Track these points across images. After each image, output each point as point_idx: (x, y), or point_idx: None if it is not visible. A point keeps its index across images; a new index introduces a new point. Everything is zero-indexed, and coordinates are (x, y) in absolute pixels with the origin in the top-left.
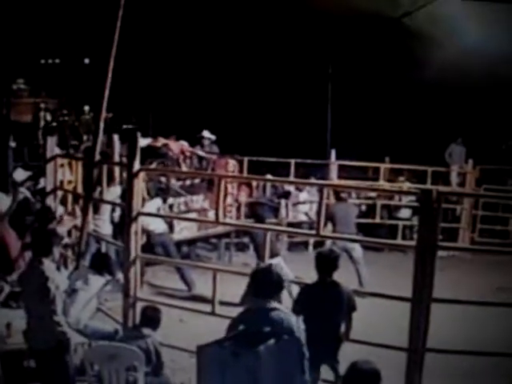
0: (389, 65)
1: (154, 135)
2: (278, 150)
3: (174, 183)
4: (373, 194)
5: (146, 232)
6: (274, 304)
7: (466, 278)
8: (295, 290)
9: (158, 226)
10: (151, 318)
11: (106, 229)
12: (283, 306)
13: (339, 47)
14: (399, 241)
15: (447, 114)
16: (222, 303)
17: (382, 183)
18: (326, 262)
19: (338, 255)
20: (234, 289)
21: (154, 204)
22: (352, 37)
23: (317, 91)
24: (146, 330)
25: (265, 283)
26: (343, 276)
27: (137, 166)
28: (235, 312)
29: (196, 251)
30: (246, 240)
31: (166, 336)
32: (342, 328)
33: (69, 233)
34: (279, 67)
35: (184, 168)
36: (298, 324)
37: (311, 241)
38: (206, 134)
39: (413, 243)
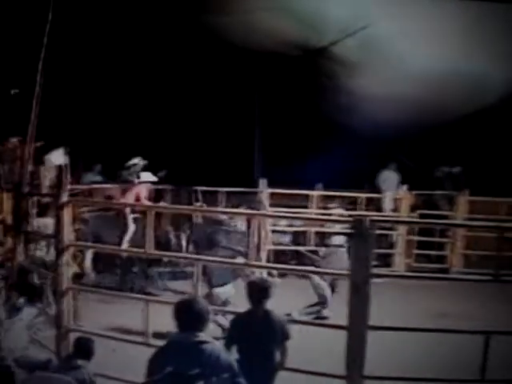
0: (315, 93)
1: (86, 163)
2: (208, 179)
3: None
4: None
5: None
6: (203, 337)
7: (402, 304)
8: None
9: None
10: (84, 348)
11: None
12: (211, 338)
13: (265, 79)
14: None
15: (377, 141)
16: (156, 333)
17: (314, 210)
18: (258, 291)
19: (270, 284)
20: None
21: None
22: (278, 67)
23: (244, 120)
24: (80, 361)
25: (190, 315)
26: None
27: (65, 197)
28: None
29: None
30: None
31: (99, 366)
32: (278, 357)
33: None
34: (208, 99)
35: None
36: (230, 355)
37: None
38: (136, 160)
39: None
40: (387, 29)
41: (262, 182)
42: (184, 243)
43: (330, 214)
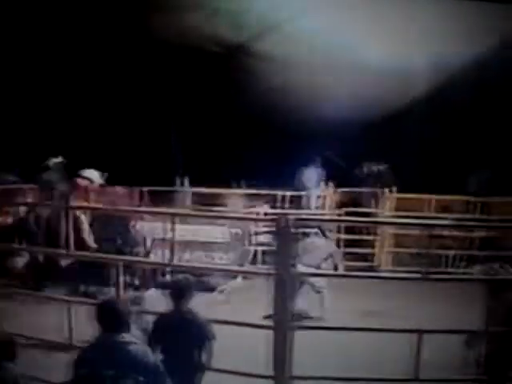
0: (237, 90)
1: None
2: (129, 178)
3: None
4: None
5: None
6: (127, 337)
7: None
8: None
9: None
10: (7, 350)
11: None
12: (135, 339)
13: (184, 76)
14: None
15: (304, 138)
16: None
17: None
18: (180, 290)
19: (192, 283)
20: None
21: None
22: (197, 63)
23: (163, 120)
24: (4, 363)
25: (113, 316)
26: None
27: None
28: None
29: None
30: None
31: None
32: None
33: None
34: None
35: None
36: (155, 356)
37: None
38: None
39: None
40: (313, 22)
41: (183, 181)
42: None
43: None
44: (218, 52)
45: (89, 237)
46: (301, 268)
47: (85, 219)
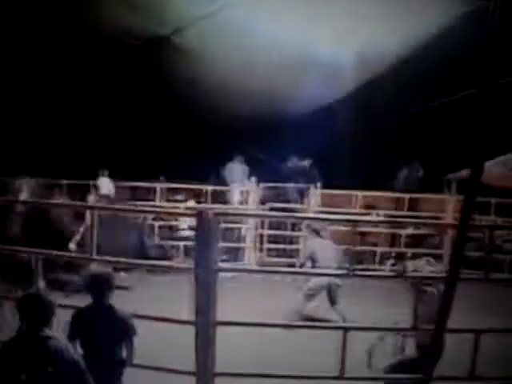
0: (158, 83)
1: None
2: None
3: None
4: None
5: None
6: (48, 332)
7: (254, 300)
8: None
9: None
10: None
11: None
12: (56, 333)
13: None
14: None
15: (227, 133)
16: None
17: (160, 203)
18: (99, 284)
19: (111, 275)
20: None
21: None
22: (116, 56)
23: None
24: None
25: (34, 310)
26: None
27: None
28: None
29: None
30: None
31: None
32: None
33: None
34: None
35: None
36: (75, 351)
37: None
38: None
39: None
40: (236, 14)
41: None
42: None
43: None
44: (139, 45)
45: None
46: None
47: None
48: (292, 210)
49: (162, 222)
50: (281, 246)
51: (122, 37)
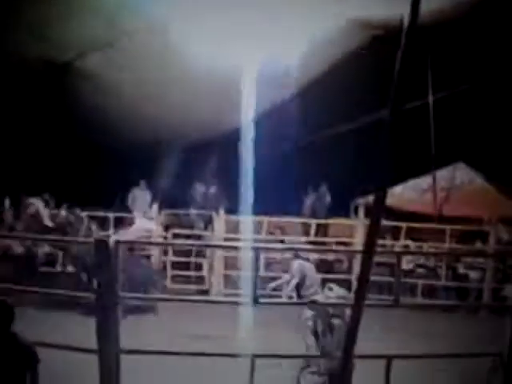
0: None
1: None
2: None
3: None
4: None
5: None
6: None
7: (161, 327)
8: None
9: None
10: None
11: None
12: None
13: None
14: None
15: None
16: None
17: None
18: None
19: (11, 306)
20: None
21: None
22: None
23: None
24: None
25: None
26: None
27: None
28: None
29: None
30: None
31: None
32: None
33: None
34: None
35: None
36: None
37: None
38: None
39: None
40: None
41: None
42: None
43: None
44: (42, 70)
45: None
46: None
47: None
48: (198, 237)
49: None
50: (188, 273)
51: (25, 62)
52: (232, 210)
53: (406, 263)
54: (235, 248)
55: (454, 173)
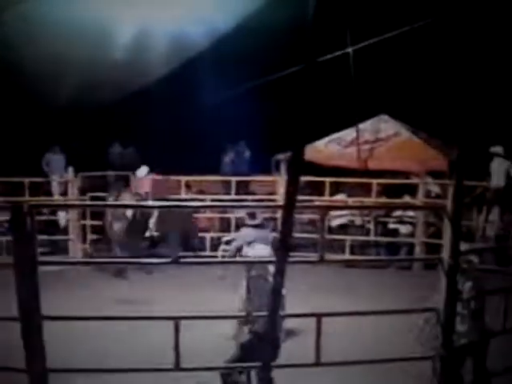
0: None
1: None
2: None
3: None
4: None
5: None
6: None
7: (80, 292)
8: None
9: None
10: None
11: None
12: None
13: None
14: None
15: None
16: None
17: None
18: None
19: None
20: None
21: None
22: None
23: None
24: None
25: None
26: None
27: None
28: None
29: None
30: None
31: None
32: None
33: None
34: None
35: None
36: None
37: None
38: None
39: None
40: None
41: None
42: None
43: None
44: None
45: None
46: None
47: None
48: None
49: None
50: None
51: None
52: (150, 170)
53: (335, 220)
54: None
55: (378, 125)
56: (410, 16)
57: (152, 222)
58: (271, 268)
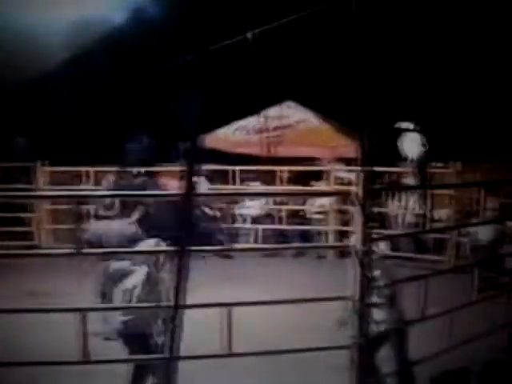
0: None
1: None
2: None
3: None
4: None
5: None
6: None
7: None
8: None
9: None
10: None
11: None
12: None
13: None
14: None
15: None
16: None
17: None
18: None
19: None
20: None
21: None
22: None
23: None
24: None
25: None
26: None
27: None
28: None
29: None
30: None
31: None
32: None
33: None
34: None
35: None
36: None
37: None
38: None
39: None
40: None
41: None
42: None
43: None
44: None
45: None
46: None
47: None
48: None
49: None
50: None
51: None
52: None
53: (247, 209)
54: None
55: (285, 112)
56: None
57: None
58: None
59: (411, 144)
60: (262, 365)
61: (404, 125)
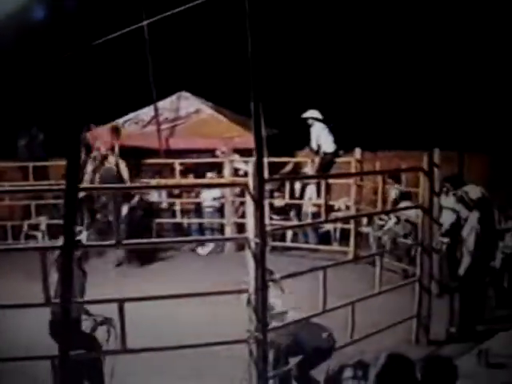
0: None
1: None
2: None
3: None
4: None
5: None
6: None
7: None
8: None
9: None
10: None
11: None
12: None
13: None
14: None
15: None
16: None
17: None
18: None
19: None
20: None
21: None
22: None
23: None
24: None
25: None
26: None
27: None
28: None
29: None
30: None
31: None
32: None
33: None
34: None
35: None
36: None
37: None
38: None
39: None
40: None
41: None
42: None
43: None
44: None
45: None
46: None
47: None
48: None
49: None
50: None
51: None
52: None
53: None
54: None
55: (178, 103)
56: None
57: None
58: None
59: (320, 133)
60: (162, 360)
61: (309, 113)
